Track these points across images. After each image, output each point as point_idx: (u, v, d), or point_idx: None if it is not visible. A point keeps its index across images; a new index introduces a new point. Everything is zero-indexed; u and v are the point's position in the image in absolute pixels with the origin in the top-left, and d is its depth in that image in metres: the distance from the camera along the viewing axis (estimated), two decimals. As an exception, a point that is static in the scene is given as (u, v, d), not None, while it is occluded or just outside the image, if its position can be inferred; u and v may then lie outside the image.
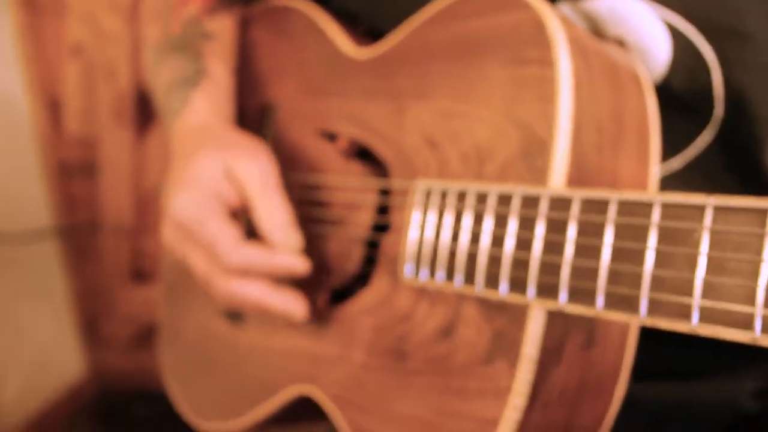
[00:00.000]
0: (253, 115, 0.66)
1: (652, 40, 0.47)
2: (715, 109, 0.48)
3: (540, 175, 0.38)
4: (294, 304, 0.49)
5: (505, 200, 0.38)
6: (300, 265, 0.49)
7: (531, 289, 0.36)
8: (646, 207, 0.32)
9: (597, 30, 0.48)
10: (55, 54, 1.68)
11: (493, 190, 0.39)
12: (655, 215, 0.31)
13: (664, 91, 0.48)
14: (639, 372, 0.53)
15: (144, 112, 1.66)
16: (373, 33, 0.57)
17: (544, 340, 0.37)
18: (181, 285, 0.77)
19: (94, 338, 1.87)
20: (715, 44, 0.46)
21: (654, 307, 0.31)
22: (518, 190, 0.38)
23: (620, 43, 0.48)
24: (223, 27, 0.66)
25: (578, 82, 0.38)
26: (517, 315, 0.38)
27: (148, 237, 1.77)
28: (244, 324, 0.62)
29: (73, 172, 1.75)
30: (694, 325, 0.29)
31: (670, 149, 0.50)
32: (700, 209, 0.29)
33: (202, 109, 0.58)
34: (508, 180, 0.40)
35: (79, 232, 1.80)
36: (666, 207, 0.31)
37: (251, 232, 0.52)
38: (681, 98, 0.48)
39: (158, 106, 0.64)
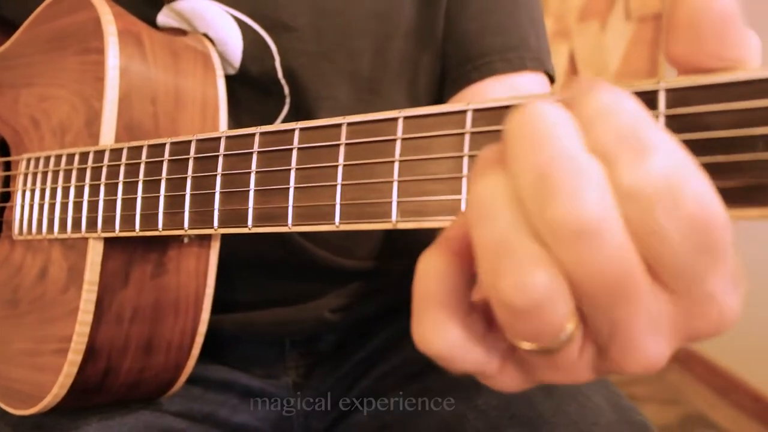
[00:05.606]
0: None
1: (226, 34, 0.64)
2: (284, 89, 0.66)
3: (96, 138, 0.53)
4: None
5: (70, 160, 0.53)
6: None
7: (83, 225, 0.51)
8: (186, 145, 0.47)
9: (192, 26, 0.64)
10: None
11: (64, 153, 0.54)
12: (192, 150, 0.47)
13: (245, 75, 0.65)
14: (255, 302, 0.70)
15: None
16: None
17: (104, 267, 0.52)
18: None
19: None
20: (273, 36, 0.64)
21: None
22: (77, 151, 0.52)
23: (207, 36, 0.64)
24: None
25: (126, 65, 0.54)
26: (82, 250, 0.52)
27: None
28: None
29: None
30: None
31: (262, 124, 0.67)
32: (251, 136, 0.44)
33: None
34: (79, 145, 0.54)
35: None
36: (200, 141, 0.46)
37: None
38: (258, 81, 0.65)
39: None
